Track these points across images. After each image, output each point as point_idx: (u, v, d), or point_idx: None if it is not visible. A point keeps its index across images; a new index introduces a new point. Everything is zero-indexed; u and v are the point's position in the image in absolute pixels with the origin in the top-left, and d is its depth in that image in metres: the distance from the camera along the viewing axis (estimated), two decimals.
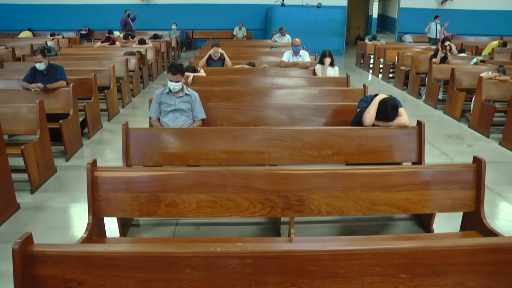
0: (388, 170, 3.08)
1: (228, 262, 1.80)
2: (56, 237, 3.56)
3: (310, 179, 2.81)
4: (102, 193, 2.72)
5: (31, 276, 1.86)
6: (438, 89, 8.05)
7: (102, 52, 9.75)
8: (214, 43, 7.18)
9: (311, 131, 3.79)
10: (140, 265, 1.81)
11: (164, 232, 3.55)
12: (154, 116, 4.27)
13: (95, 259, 1.82)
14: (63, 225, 3.80)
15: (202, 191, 2.70)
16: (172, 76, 4.10)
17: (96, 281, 1.83)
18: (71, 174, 4.85)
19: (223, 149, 3.61)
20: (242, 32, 15.98)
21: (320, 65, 6.67)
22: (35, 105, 4.55)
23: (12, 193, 4.00)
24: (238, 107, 4.49)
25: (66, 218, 3.92)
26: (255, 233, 3.60)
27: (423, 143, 3.99)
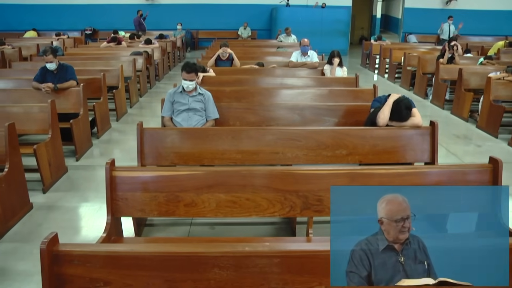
0: (406, 170, 3.08)
1: (256, 262, 1.79)
2: (70, 237, 3.56)
3: (329, 179, 2.80)
4: (120, 193, 2.72)
5: (57, 276, 1.86)
6: (446, 89, 8.04)
7: (109, 52, 9.75)
8: (223, 43, 7.17)
9: (326, 131, 3.79)
10: (167, 264, 1.80)
11: (179, 232, 3.55)
12: (167, 116, 4.26)
13: (122, 259, 1.82)
14: (76, 225, 3.81)
15: (221, 191, 2.69)
16: (186, 74, 4.09)
17: (122, 280, 1.83)
18: (81, 174, 4.86)
19: (238, 149, 3.61)
20: (247, 32, 15.98)
21: (329, 65, 6.66)
22: (47, 105, 4.55)
23: (26, 192, 4.01)
24: (250, 107, 4.49)
25: (79, 218, 3.93)
26: (270, 233, 3.60)
27: (436, 143, 3.98)
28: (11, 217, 3.71)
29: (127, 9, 16.20)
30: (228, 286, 1.82)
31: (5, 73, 7.16)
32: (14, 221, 3.74)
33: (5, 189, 3.63)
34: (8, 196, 3.67)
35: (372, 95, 5.44)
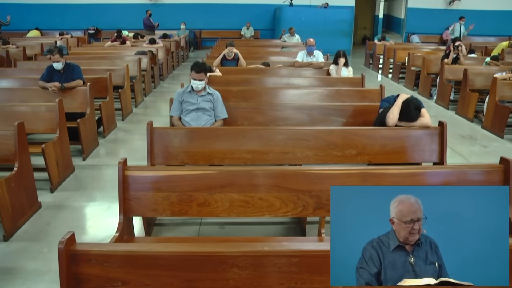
0: (417, 170, 3.08)
1: (275, 261, 1.79)
2: (80, 237, 3.53)
3: (342, 179, 2.80)
4: (133, 192, 2.71)
5: (74, 275, 1.85)
6: (450, 89, 8.03)
7: (113, 51, 9.75)
8: (229, 43, 7.17)
9: (335, 131, 3.78)
10: (186, 264, 1.80)
11: (189, 232, 3.55)
12: (175, 115, 4.26)
13: (140, 259, 1.81)
14: (85, 224, 3.81)
15: (234, 190, 2.69)
16: (195, 74, 4.09)
17: (140, 280, 1.82)
18: (89, 173, 4.85)
19: (248, 148, 3.61)
20: (250, 32, 15.98)
21: (334, 65, 6.66)
22: (55, 104, 4.55)
23: (34, 191, 4.01)
24: (258, 107, 4.49)
25: (87, 218, 3.92)
26: (280, 232, 3.60)
27: (445, 143, 3.97)
28: (20, 216, 3.71)
29: (130, 9, 16.23)
30: (247, 285, 1.81)
31: (10, 72, 7.17)
32: (23, 220, 3.74)
33: (14, 188, 3.63)
34: (17, 195, 3.67)
35: (379, 95, 5.44)
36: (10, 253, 3.31)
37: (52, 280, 2.98)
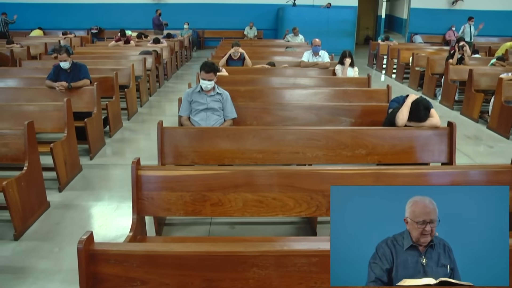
0: (429, 170, 3.09)
1: (295, 261, 1.79)
2: None
3: (355, 179, 2.80)
4: (146, 192, 2.71)
5: (93, 275, 1.85)
6: (455, 90, 8.02)
7: (118, 51, 9.75)
8: (235, 43, 7.17)
9: (345, 131, 3.78)
10: (206, 264, 1.80)
11: (199, 231, 3.54)
12: (184, 115, 4.26)
13: (160, 258, 1.81)
14: (94, 224, 3.80)
15: (248, 190, 2.69)
16: (205, 74, 4.09)
17: (160, 280, 1.82)
18: (96, 173, 4.85)
19: (259, 148, 3.60)
20: (253, 32, 15.98)
21: (340, 65, 6.66)
22: (63, 104, 4.55)
23: (43, 191, 4.01)
24: (267, 106, 4.49)
25: (96, 217, 3.91)
26: (290, 232, 3.60)
27: (454, 144, 3.98)
28: (30, 215, 3.71)
29: (133, 8, 16.24)
30: (267, 285, 1.81)
31: (16, 72, 7.17)
32: (32, 219, 3.74)
33: (24, 188, 3.63)
34: (27, 195, 3.67)
35: (386, 96, 5.44)
36: (21, 252, 3.30)
37: (63, 280, 2.98)
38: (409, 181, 2.94)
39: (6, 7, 15.68)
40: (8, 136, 3.84)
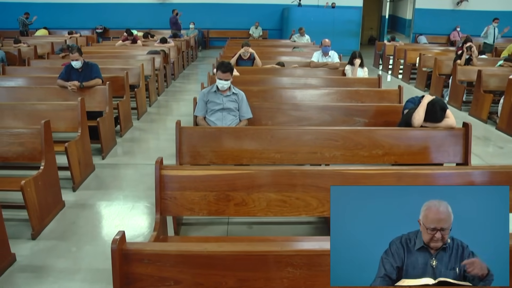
0: (449, 170, 3.08)
1: (328, 261, 1.78)
2: (107, 235, 3.56)
3: (377, 179, 2.80)
4: (169, 191, 2.71)
5: (126, 274, 1.85)
6: (463, 91, 8.02)
7: (125, 50, 9.75)
8: (245, 43, 7.16)
9: (363, 131, 3.78)
10: (240, 264, 1.80)
11: (217, 231, 3.54)
12: (200, 115, 4.25)
13: (194, 258, 1.81)
14: (110, 224, 3.79)
15: (272, 190, 2.68)
16: (221, 74, 4.08)
17: (193, 279, 1.82)
18: (109, 172, 4.86)
19: (277, 148, 3.60)
20: (258, 32, 15.98)
21: (350, 66, 6.66)
22: (77, 103, 4.55)
23: (59, 190, 4.02)
24: (281, 107, 4.49)
25: (112, 217, 3.90)
26: (308, 232, 3.60)
27: (470, 144, 3.97)
28: (47, 215, 3.72)
29: (138, 8, 16.25)
30: (301, 284, 1.81)
31: (25, 71, 7.20)
32: (49, 219, 3.75)
33: (41, 187, 3.63)
34: (44, 194, 3.67)
35: (397, 96, 5.44)
36: (40, 252, 3.31)
37: (83, 279, 2.99)
38: (430, 181, 2.94)
39: (10, 7, 15.73)
40: (24, 135, 3.84)
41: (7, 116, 4.64)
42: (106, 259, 3.22)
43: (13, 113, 4.67)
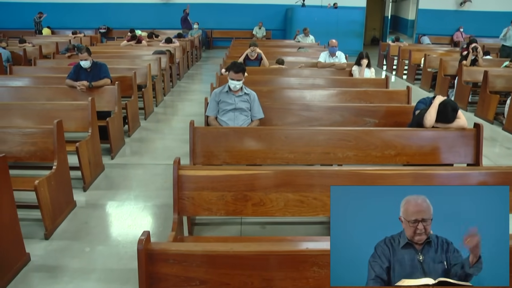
0: (465, 171, 3.11)
1: None
2: (121, 236, 3.56)
3: (394, 179, 2.81)
4: (186, 192, 2.71)
5: (151, 274, 1.85)
6: (469, 91, 8.02)
7: (130, 50, 9.75)
8: (252, 43, 7.17)
9: (375, 132, 3.79)
10: (266, 263, 1.80)
11: (231, 231, 3.54)
12: (212, 115, 4.26)
13: (220, 258, 1.82)
14: (123, 224, 3.79)
15: (289, 190, 2.69)
16: (234, 74, 4.09)
17: (219, 280, 1.83)
18: (119, 172, 4.86)
19: (290, 148, 3.61)
20: (262, 32, 15.99)
21: (357, 66, 6.66)
22: (87, 103, 4.56)
23: (70, 190, 4.01)
24: (291, 107, 4.49)
25: (123, 217, 3.89)
26: (321, 232, 3.59)
27: (481, 145, 3.98)
28: (59, 214, 3.72)
29: (141, 8, 16.25)
30: (326, 284, 1.81)
31: (31, 71, 7.20)
32: (61, 219, 3.75)
33: (54, 187, 3.64)
34: (56, 194, 3.67)
35: (406, 97, 5.44)
36: (53, 252, 3.31)
37: (98, 279, 2.99)
38: (445, 181, 2.95)
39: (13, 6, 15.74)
40: (37, 135, 3.84)
41: (16, 115, 4.65)
42: (120, 259, 3.23)
43: (22, 113, 4.67)
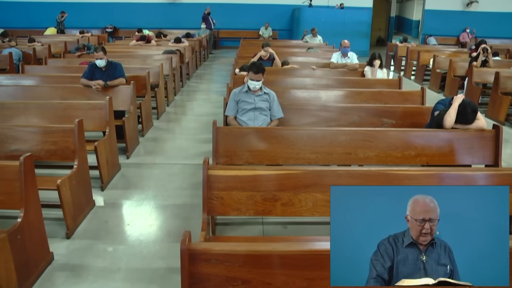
0: (490, 172, 3.11)
1: None
2: (142, 235, 3.57)
3: (420, 179, 2.82)
4: (216, 191, 2.72)
5: (193, 274, 1.85)
6: (480, 92, 8.01)
7: (140, 50, 9.75)
8: (265, 43, 7.17)
9: (396, 132, 3.80)
10: (309, 263, 1.81)
11: (253, 231, 3.55)
12: (231, 115, 4.27)
13: (263, 258, 1.82)
14: (144, 223, 3.79)
15: (318, 190, 2.70)
16: (253, 75, 4.10)
17: (261, 279, 1.83)
18: (135, 172, 4.87)
19: (312, 149, 3.61)
20: (268, 32, 15.98)
21: (370, 67, 6.66)
22: (105, 102, 4.57)
23: (90, 189, 4.02)
24: (308, 107, 4.49)
25: (144, 216, 3.89)
26: None
27: (500, 146, 3.99)
28: (79, 214, 3.73)
29: (148, 8, 16.26)
30: None
31: (42, 70, 7.22)
32: (81, 218, 3.76)
33: (75, 186, 3.65)
34: (77, 193, 3.69)
35: (420, 97, 5.45)
36: (76, 251, 3.32)
37: (124, 279, 3.00)
38: (471, 183, 2.96)
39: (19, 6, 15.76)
40: (58, 134, 3.84)
41: (33, 115, 4.64)
42: (143, 258, 3.24)
43: (39, 112, 4.67)
